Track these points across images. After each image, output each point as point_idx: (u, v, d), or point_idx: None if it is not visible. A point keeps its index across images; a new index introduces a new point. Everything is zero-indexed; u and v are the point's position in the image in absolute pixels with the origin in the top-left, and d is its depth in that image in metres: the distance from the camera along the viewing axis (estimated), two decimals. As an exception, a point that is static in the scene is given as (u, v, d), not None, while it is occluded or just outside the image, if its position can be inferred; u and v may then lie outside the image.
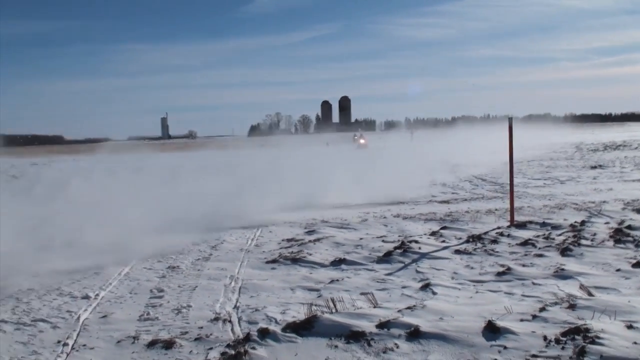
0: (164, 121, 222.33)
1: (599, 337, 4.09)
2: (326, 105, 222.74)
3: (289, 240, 8.03)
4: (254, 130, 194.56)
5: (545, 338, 4.17)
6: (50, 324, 4.96)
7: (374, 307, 5.04)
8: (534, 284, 5.62)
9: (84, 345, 4.48)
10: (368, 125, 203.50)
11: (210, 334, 4.57)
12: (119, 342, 4.54)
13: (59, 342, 4.56)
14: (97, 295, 5.75)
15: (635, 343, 3.97)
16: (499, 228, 8.15)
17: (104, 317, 5.11)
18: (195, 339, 4.49)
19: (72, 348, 4.43)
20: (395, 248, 7.10)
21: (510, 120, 8.53)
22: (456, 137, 42.33)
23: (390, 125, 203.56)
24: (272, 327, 4.59)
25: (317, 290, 5.69)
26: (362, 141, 43.75)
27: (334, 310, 4.90)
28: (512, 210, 8.45)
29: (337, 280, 5.98)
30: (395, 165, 21.39)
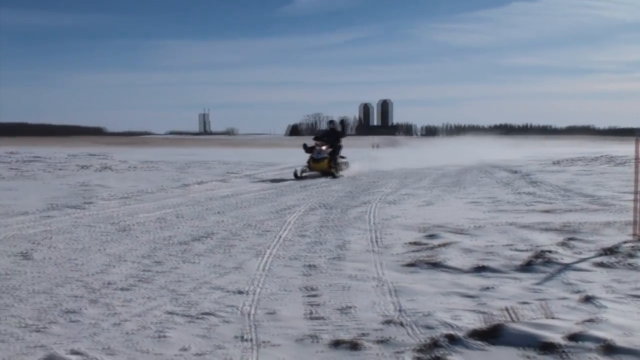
0: (203, 117, 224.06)
1: None
2: (366, 108, 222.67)
3: (413, 243, 7.90)
4: (294, 130, 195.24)
5: None
6: (219, 318, 4.92)
7: (546, 317, 4.89)
8: None
9: (268, 342, 4.41)
10: (407, 129, 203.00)
11: (391, 337, 4.45)
12: (298, 340, 4.46)
13: (235, 337, 4.51)
14: (254, 291, 5.70)
15: None
16: (627, 242, 7.91)
17: (271, 313, 5.05)
18: (378, 342, 4.38)
19: (258, 345, 4.36)
20: (534, 257, 6.94)
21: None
22: (504, 146, 42.14)
23: (429, 130, 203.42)
24: (458, 334, 4.48)
25: (473, 297, 5.54)
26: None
27: (515, 319, 4.77)
28: (635, 224, 8.22)
29: (489, 287, 5.84)
30: (468, 174, 21.41)
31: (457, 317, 4.90)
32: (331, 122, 23.27)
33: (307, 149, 21.15)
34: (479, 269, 6.54)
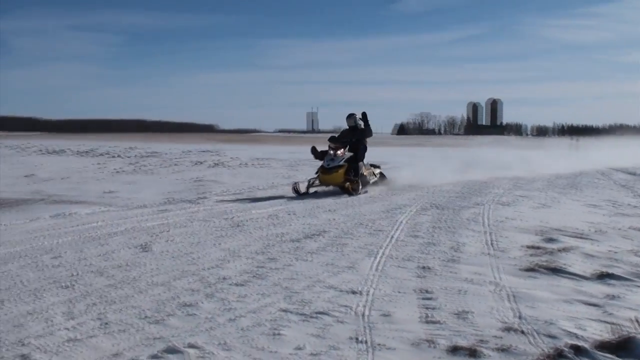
0: (311, 115, 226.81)
1: None
2: (474, 107, 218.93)
3: (530, 247, 7.61)
4: (401, 129, 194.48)
5: None
6: (333, 318, 4.87)
7: (679, 329, 4.57)
8: None
9: (383, 344, 4.32)
10: (516, 129, 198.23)
11: (511, 345, 4.27)
12: (414, 344, 4.34)
13: (350, 338, 4.44)
14: (368, 291, 5.62)
15: None
16: None
17: (385, 315, 4.95)
18: (498, 349, 4.21)
19: (374, 347, 4.28)
20: (664, 265, 6.53)
21: None
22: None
23: (540, 130, 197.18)
24: (584, 345, 4.24)
25: (597, 305, 5.25)
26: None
27: (645, 332, 4.49)
28: None
29: (615, 296, 5.52)
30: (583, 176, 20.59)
31: (582, 327, 4.66)
32: (350, 115, 15.55)
33: (317, 153, 14.85)
34: (603, 276, 6.21)
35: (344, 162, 14.40)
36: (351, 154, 14.66)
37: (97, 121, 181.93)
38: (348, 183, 14.19)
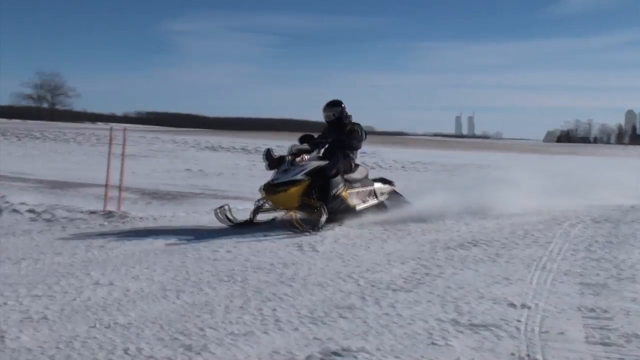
0: (464, 119, 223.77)
1: None
2: (632, 115, 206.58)
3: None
4: (555, 136, 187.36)
5: None
6: (494, 331, 4.74)
7: None
8: None
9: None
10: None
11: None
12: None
13: (512, 354, 4.30)
14: (530, 306, 5.43)
15: None
16: None
17: (547, 332, 4.75)
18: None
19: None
20: None
21: None
22: None
23: None
24: None
25: None
26: None
27: None
28: None
29: None
30: None
31: None
32: (331, 104, 10.09)
33: (272, 161, 9.37)
34: None
35: (303, 175, 9.04)
36: (322, 163, 9.36)
37: (254, 120, 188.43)
38: (293, 212, 9.11)
